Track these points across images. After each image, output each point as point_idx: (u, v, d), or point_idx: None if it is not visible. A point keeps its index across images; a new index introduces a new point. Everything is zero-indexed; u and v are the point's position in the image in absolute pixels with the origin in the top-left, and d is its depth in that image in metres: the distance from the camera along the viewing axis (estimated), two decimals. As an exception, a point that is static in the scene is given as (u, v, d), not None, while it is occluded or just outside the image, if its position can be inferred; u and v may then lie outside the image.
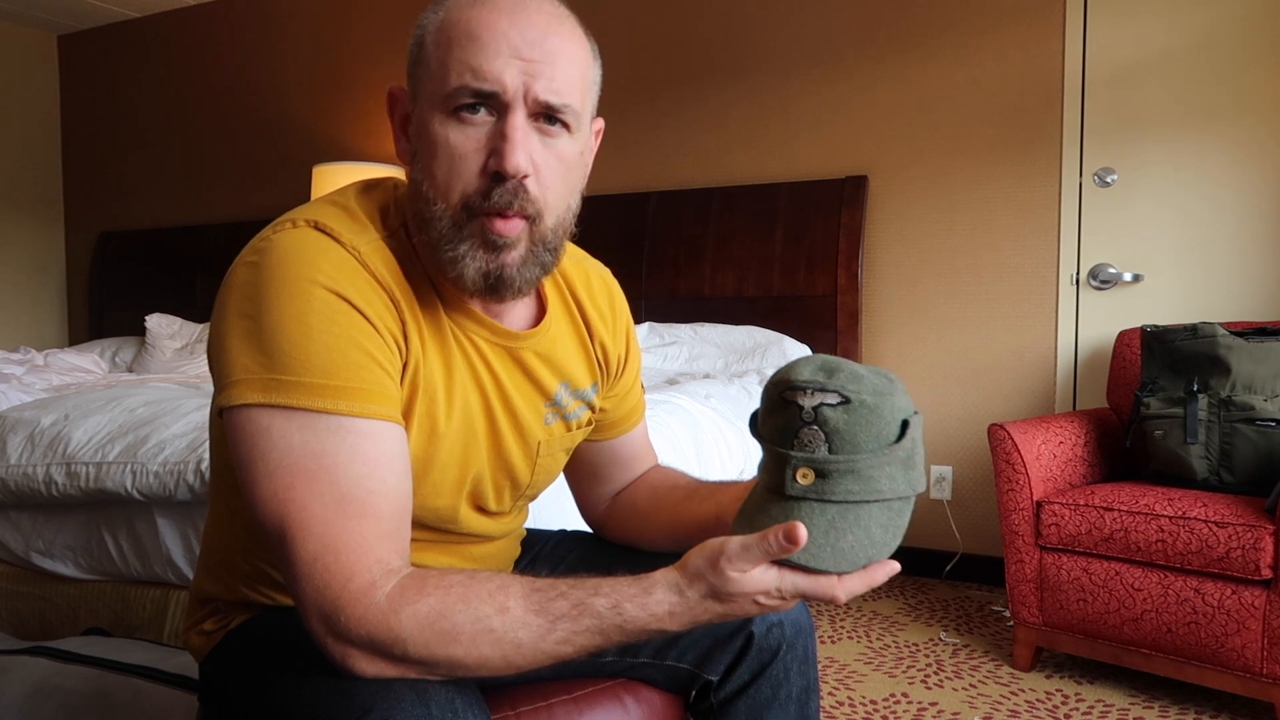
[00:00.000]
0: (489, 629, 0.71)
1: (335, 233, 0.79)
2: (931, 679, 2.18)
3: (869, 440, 0.75)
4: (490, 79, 0.76)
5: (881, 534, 0.75)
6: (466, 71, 0.77)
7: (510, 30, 0.77)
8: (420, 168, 0.81)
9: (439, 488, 0.88)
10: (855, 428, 0.75)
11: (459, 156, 0.78)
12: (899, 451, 0.76)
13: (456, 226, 0.79)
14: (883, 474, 0.76)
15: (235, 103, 4.35)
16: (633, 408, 1.11)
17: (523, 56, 0.77)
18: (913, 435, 0.77)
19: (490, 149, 0.78)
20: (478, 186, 0.78)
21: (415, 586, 0.71)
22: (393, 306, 0.80)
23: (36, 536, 1.77)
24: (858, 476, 0.75)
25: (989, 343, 2.91)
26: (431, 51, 0.79)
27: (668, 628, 0.74)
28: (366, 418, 0.75)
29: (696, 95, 3.34)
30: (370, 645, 0.70)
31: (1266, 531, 1.82)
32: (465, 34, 0.77)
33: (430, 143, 0.79)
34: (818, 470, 0.75)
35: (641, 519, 1.07)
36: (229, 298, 0.77)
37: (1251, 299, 2.59)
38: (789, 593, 0.73)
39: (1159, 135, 2.68)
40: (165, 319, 3.85)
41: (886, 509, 0.76)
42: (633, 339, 1.08)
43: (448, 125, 0.78)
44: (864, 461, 0.75)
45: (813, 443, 0.76)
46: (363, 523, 0.72)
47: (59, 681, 1.34)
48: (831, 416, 0.75)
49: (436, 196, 0.79)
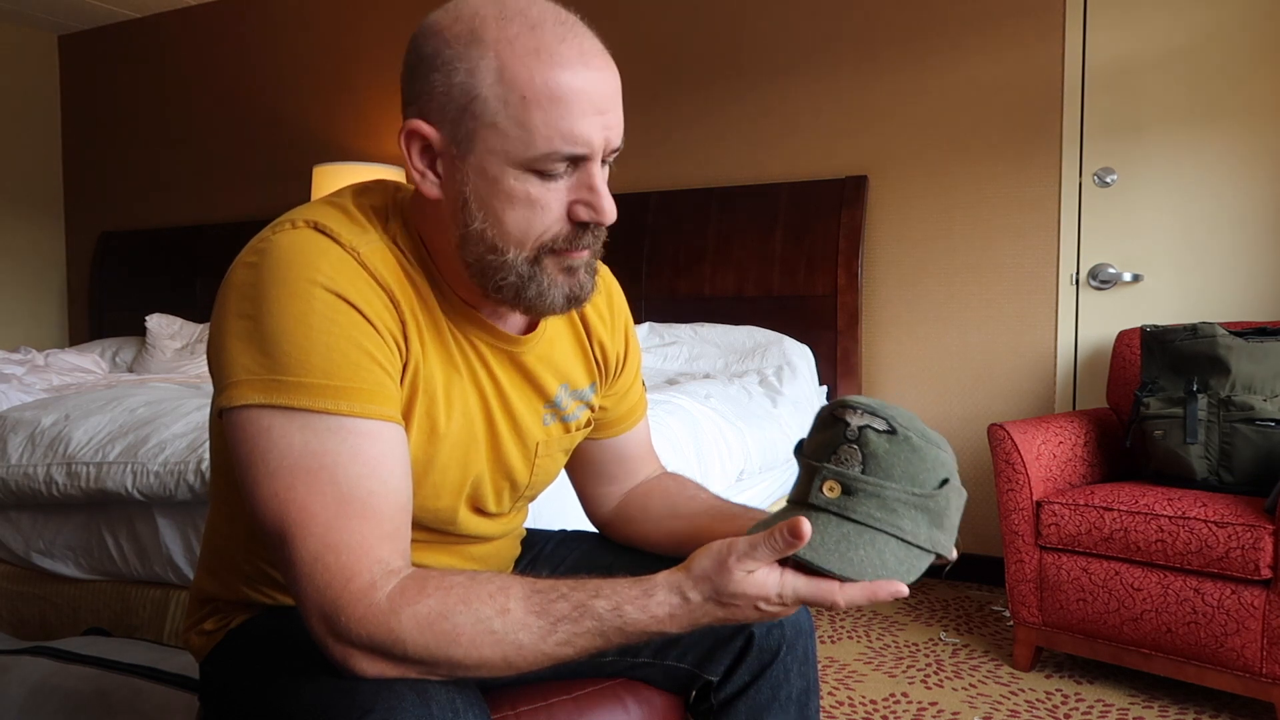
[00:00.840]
0: (489, 630, 0.71)
1: (335, 233, 0.79)
2: (931, 679, 2.18)
3: (903, 475, 0.76)
4: (582, 143, 0.77)
5: (895, 564, 0.75)
6: (557, 137, 0.76)
7: (587, 87, 0.77)
8: (482, 217, 0.80)
9: (439, 489, 0.88)
10: (893, 458, 0.76)
11: (541, 208, 0.79)
12: (929, 501, 0.77)
13: (533, 264, 0.81)
14: (907, 513, 0.76)
15: (236, 103, 4.35)
16: (633, 406, 1.11)
17: (601, 111, 0.78)
18: (948, 495, 0.78)
19: (575, 199, 0.80)
20: (559, 232, 0.80)
21: (416, 587, 0.72)
22: (393, 307, 0.80)
23: (37, 536, 1.78)
24: (881, 503, 0.76)
25: (989, 343, 2.91)
26: (497, 108, 0.76)
27: (668, 630, 0.74)
28: (366, 418, 0.75)
29: (697, 95, 3.34)
30: (370, 645, 0.71)
31: (1266, 531, 1.82)
32: (548, 98, 0.75)
33: (503, 195, 0.79)
34: (845, 486, 0.76)
35: (654, 523, 1.06)
36: (228, 298, 0.77)
37: (1251, 299, 2.59)
38: (790, 598, 0.73)
39: (1159, 135, 2.68)
40: (166, 319, 3.85)
41: (905, 549, 0.76)
42: (632, 336, 1.09)
43: (527, 181, 0.78)
44: (891, 492, 0.76)
45: (849, 460, 0.77)
46: (363, 523, 0.73)
47: (59, 681, 1.34)
48: (873, 440, 0.77)
49: (508, 245, 0.80)
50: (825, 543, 0.74)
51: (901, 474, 0.76)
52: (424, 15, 0.83)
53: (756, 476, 2.41)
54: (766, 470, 2.46)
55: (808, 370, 2.88)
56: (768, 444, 2.41)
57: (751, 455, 2.31)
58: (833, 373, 3.00)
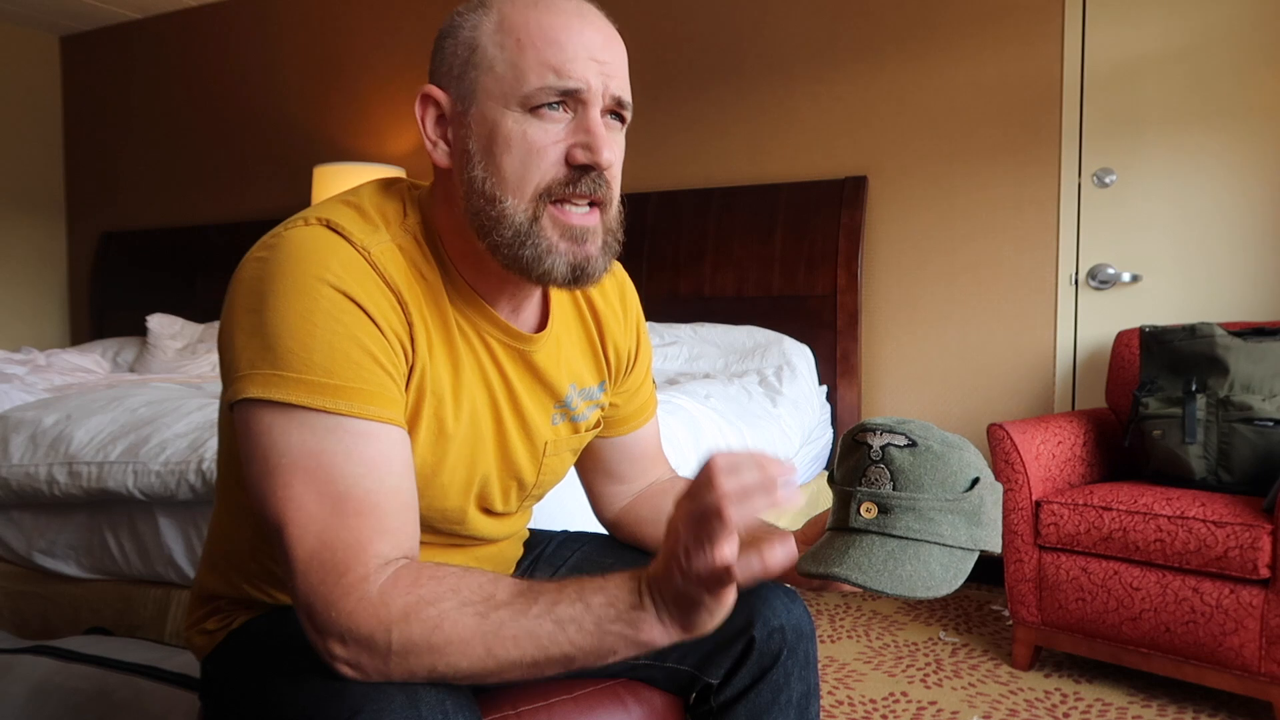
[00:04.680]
0: (474, 613, 0.71)
1: (347, 232, 0.79)
2: (931, 678, 2.18)
3: (933, 484, 0.79)
4: (575, 77, 0.79)
5: (942, 572, 0.77)
6: (549, 72, 0.79)
7: (583, 32, 0.80)
8: (483, 166, 0.81)
9: (447, 490, 0.89)
10: (920, 470, 0.79)
11: (537, 150, 0.80)
12: (964, 503, 0.79)
13: (533, 220, 0.81)
14: (944, 519, 0.79)
15: (236, 103, 4.36)
16: (643, 404, 1.10)
17: (597, 58, 0.80)
18: (980, 493, 0.81)
19: (573, 142, 0.80)
20: (556, 176, 0.80)
21: (409, 578, 0.72)
22: (400, 309, 0.80)
23: (39, 536, 1.78)
24: (919, 515, 0.78)
25: (988, 343, 2.91)
26: (495, 54, 0.80)
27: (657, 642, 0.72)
28: (364, 418, 0.75)
29: (697, 95, 3.34)
30: (356, 638, 0.70)
31: (1264, 531, 1.82)
32: (541, 37, 0.79)
33: (501, 139, 0.80)
34: (880, 505, 0.79)
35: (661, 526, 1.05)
36: (237, 292, 0.77)
37: (1250, 299, 2.59)
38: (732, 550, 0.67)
39: (1158, 135, 2.68)
40: (167, 319, 3.85)
41: (948, 554, 0.78)
42: (643, 334, 1.09)
43: (525, 122, 0.80)
44: (925, 502, 0.78)
45: (879, 480, 0.80)
46: (360, 520, 0.73)
47: (61, 680, 1.34)
48: (897, 456, 0.80)
49: (506, 192, 0.80)
50: (873, 563, 0.77)
51: (931, 483, 0.79)
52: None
53: (756, 476, 2.41)
54: (766, 470, 2.46)
55: (808, 370, 2.88)
56: (768, 444, 2.41)
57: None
58: (832, 373, 3.00)
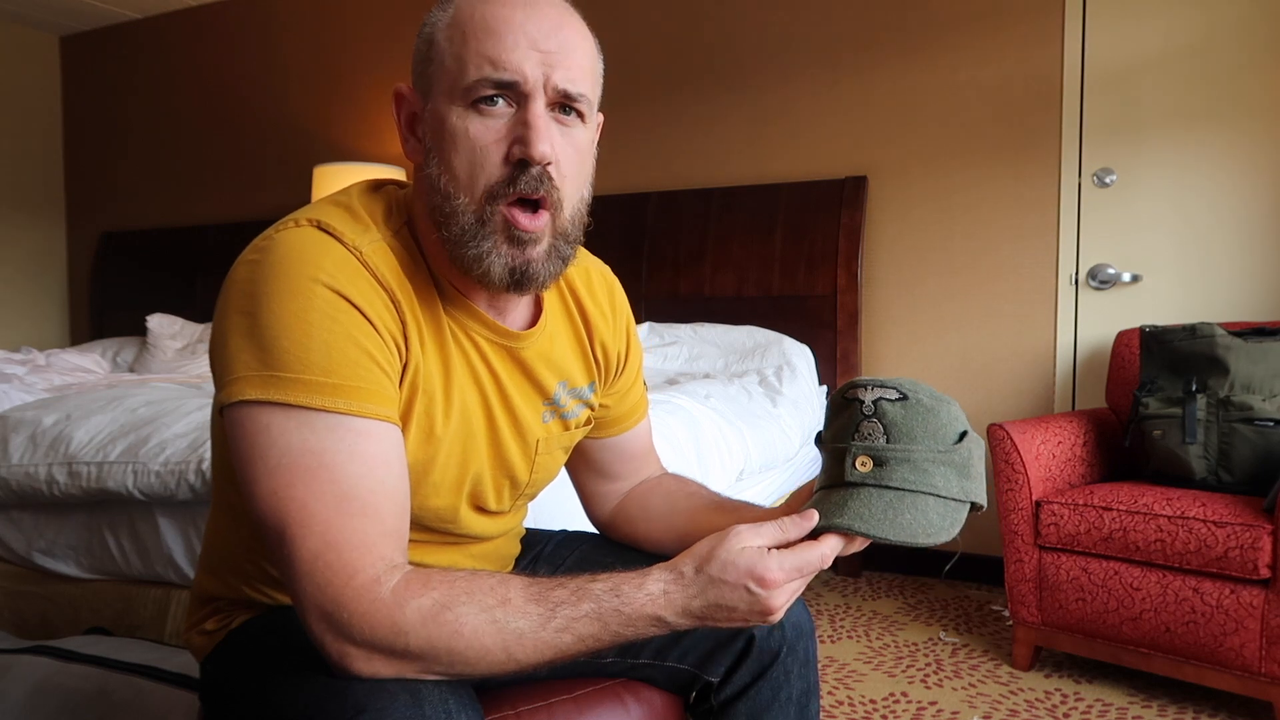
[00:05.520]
0: (491, 620, 0.71)
1: (338, 232, 0.79)
2: (931, 678, 2.18)
3: (925, 436, 0.81)
4: (510, 69, 0.78)
5: (939, 520, 0.79)
6: (485, 63, 0.78)
7: (526, 22, 0.79)
8: (437, 163, 0.81)
9: (438, 488, 0.89)
10: (912, 422, 0.80)
11: (480, 148, 0.79)
12: (954, 455, 0.81)
13: (480, 221, 0.80)
14: (937, 471, 0.80)
15: (236, 104, 4.36)
16: (635, 404, 1.11)
17: (539, 48, 0.79)
18: (969, 447, 0.83)
19: (513, 137, 0.79)
20: (500, 175, 0.79)
21: (420, 581, 0.72)
22: (393, 307, 0.80)
23: (38, 536, 1.78)
24: (913, 466, 0.79)
25: (988, 343, 2.91)
26: (445, 47, 0.80)
27: (664, 614, 0.75)
28: (364, 417, 0.75)
29: (697, 96, 3.34)
30: (372, 641, 0.70)
31: (1265, 531, 1.82)
32: (481, 27, 0.78)
33: (449, 136, 0.80)
34: (876, 458, 0.80)
35: (654, 522, 1.07)
36: (230, 295, 0.77)
37: (1250, 299, 2.59)
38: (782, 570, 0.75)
39: (1158, 135, 2.68)
40: (166, 319, 3.85)
41: (943, 505, 0.80)
42: (633, 335, 1.09)
43: (467, 118, 0.79)
44: (919, 453, 0.80)
45: (872, 434, 0.81)
46: (364, 521, 0.72)
47: (60, 680, 1.34)
48: (889, 410, 0.81)
49: (458, 190, 0.80)
50: (873, 513, 0.78)
51: (923, 435, 0.80)
52: (422, 16, 0.85)
53: (756, 476, 2.42)
54: (766, 470, 2.47)
55: (807, 370, 2.88)
56: (767, 444, 2.41)
57: (751, 455, 2.31)
58: (833, 373, 3.00)
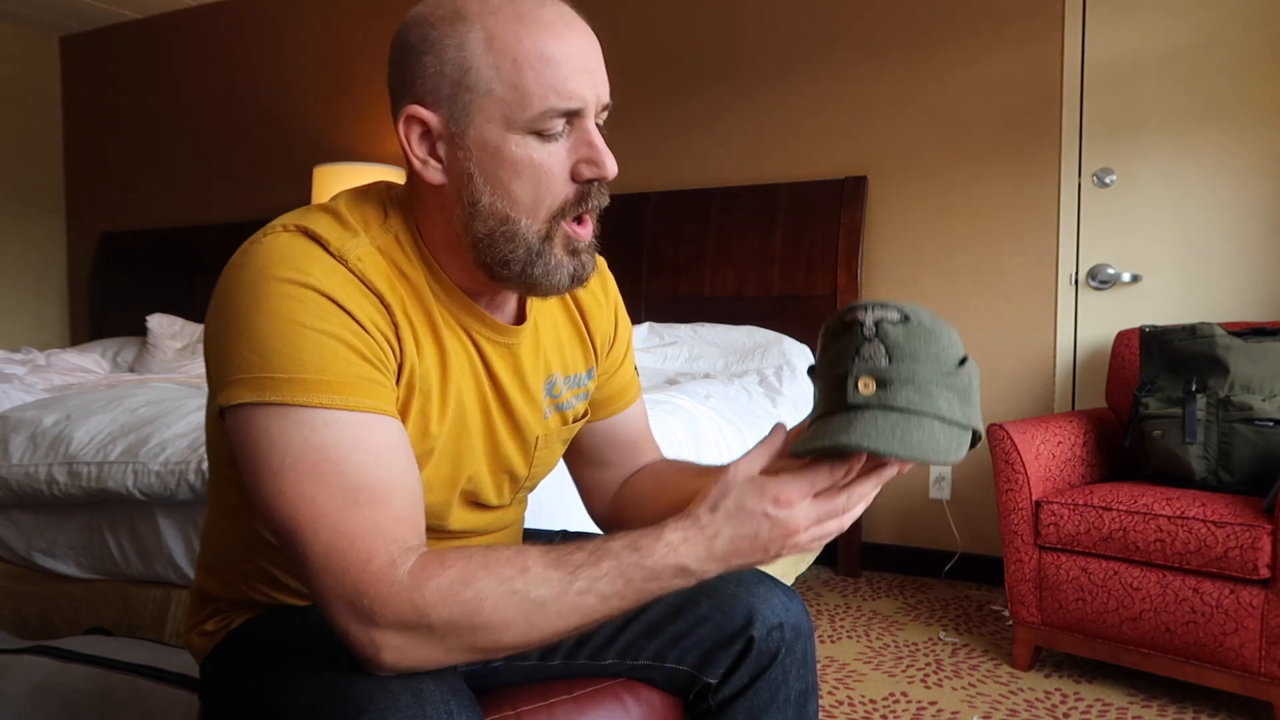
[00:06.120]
0: (511, 590, 0.71)
1: (324, 240, 0.79)
2: (931, 678, 2.18)
3: (928, 358, 0.78)
4: (575, 97, 0.79)
5: (946, 443, 0.77)
6: (550, 94, 0.78)
7: (574, 45, 0.80)
8: (489, 189, 0.81)
9: (430, 485, 0.89)
10: (915, 343, 0.78)
11: (547, 173, 0.81)
12: (957, 379, 0.79)
13: (545, 240, 0.83)
14: (941, 394, 0.78)
15: (236, 104, 4.36)
16: (625, 385, 1.10)
17: (588, 69, 0.81)
18: (969, 373, 0.81)
19: (577, 158, 0.81)
20: (569, 194, 0.82)
21: (436, 560, 0.72)
22: (384, 309, 0.80)
23: (38, 536, 1.78)
24: (917, 388, 0.77)
25: (988, 343, 2.91)
26: (491, 75, 0.79)
27: (686, 562, 0.75)
28: (362, 411, 0.75)
29: (696, 96, 3.34)
30: (398, 624, 0.70)
31: (1264, 531, 1.82)
32: (538, 58, 0.78)
33: (507, 163, 0.80)
34: (879, 379, 0.78)
35: (649, 504, 1.06)
36: (219, 300, 0.78)
37: (1250, 299, 2.59)
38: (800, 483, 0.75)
39: (1158, 136, 2.68)
40: (167, 319, 3.85)
41: (947, 429, 0.78)
42: (621, 315, 1.09)
43: (528, 144, 0.80)
44: (923, 374, 0.77)
45: (874, 356, 0.79)
46: (374, 509, 0.73)
47: (60, 680, 1.34)
48: (892, 331, 0.78)
49: (519, 213, 0.81)
50: (881, 432, 0.75)
51: (926, 356, 0.78)
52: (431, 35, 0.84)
53: (756, 476, 2.41)
54: (766, 470, 2.46)
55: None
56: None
57: (751, 455, 2.30)
58: (832, 373, 3.00)
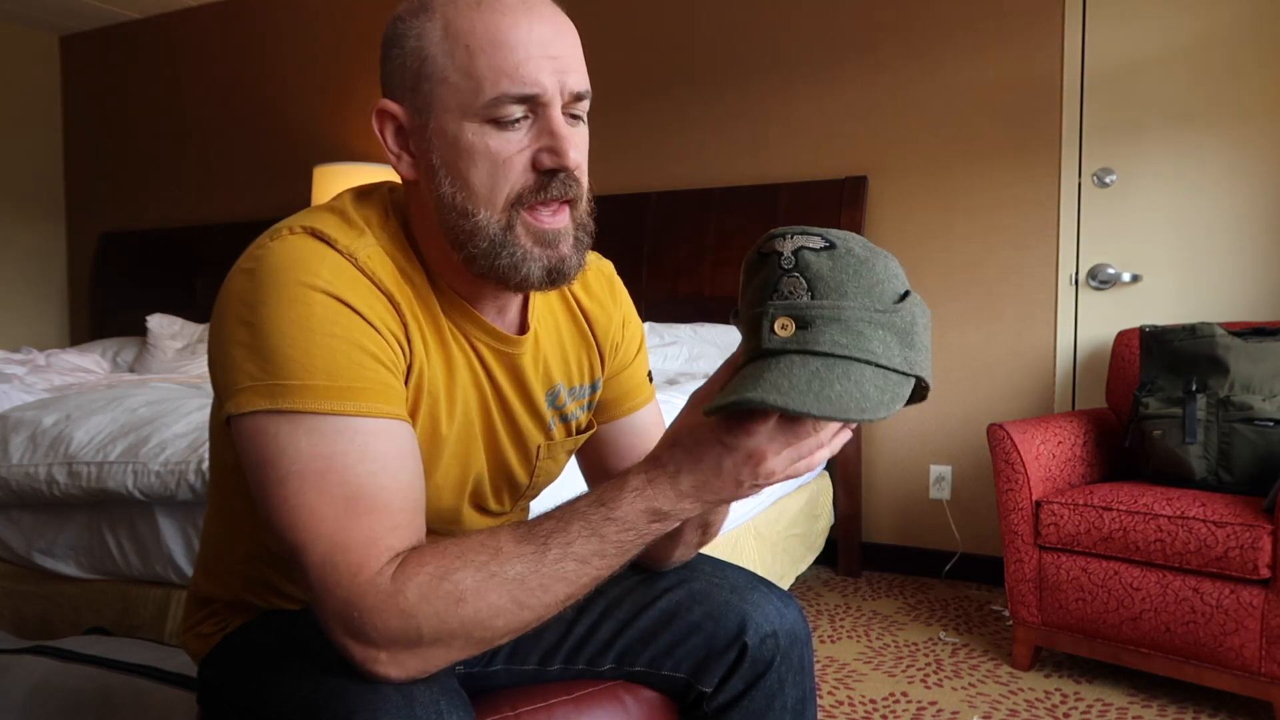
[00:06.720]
0: (489, 574, 0.71)
1: (331, 239, 0.78)
2: (931, 678, 2.18)
3: (858, 292, 0.68)
4: (529, 82, 0.77)
5: (877, 394, 0.66)
6: (503, 79, 0.76)
7: (533, 30, 0.77)
8: (449, 181, 0.79)
9: (441, 490, 0.88)
10: (841, 275, 0.68)
11: (503, 161, 0.78)
12: (895, 318, 0.68)
13: (506, 229, 0.79)
14: (874, 334, 0.67)
15: (236, 104, 4.36)
16: (635, 386, 1.07)
17: (550, 54, 0.78)
18: (911, 309, 0.70)
19: (538, 147, 0.79)
20: (526, 183, 0.79)
21: (414, 560, 0.71)
22: (393, 309, 0.80)
23: (38, 536, 1.78)
24: (845, 328, 0.67)
25: (989, 343, 2.91)
26: (445, 63, 0.77)
27: (656, 504, 0.74)
28: (373, 416, 0.74)
29: (696, 96, 3.34)
30: (388, 636, 0.69)
31: (1265, 531, 1.82)
32: (489, 41, 0.76)
33: (464, 153, 0.78)
34: (798, 319, 0.67)
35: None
36: (227, 305, 0.76)
37: (1250, 299, 2.59)
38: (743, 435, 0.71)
39: (1158, 136, 2.68)
40: (167, 319, 3.85)
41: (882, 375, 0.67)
42: (630, 319, 1.06)
43: (484, 133, 0.78)
44: (850, 311, 0.67)
45: (794, 292, 0.68)
46: (372, 518, 0.72)
47: (60, 680, 1.34)
48: (814, 261, 0.68)
49: (478, 205, 0.79)
50: (794, 384, 0.64)
51: (855, 290, 0.68)
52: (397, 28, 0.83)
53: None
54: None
55: (807, 370, 2.87)
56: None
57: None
58: (832, 373, 3.00)
